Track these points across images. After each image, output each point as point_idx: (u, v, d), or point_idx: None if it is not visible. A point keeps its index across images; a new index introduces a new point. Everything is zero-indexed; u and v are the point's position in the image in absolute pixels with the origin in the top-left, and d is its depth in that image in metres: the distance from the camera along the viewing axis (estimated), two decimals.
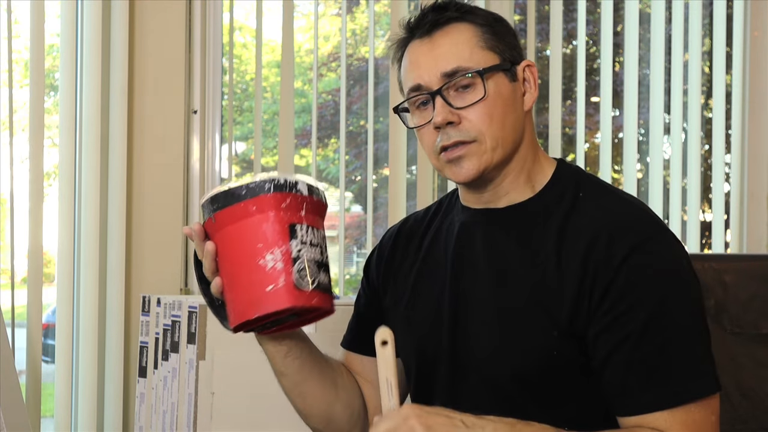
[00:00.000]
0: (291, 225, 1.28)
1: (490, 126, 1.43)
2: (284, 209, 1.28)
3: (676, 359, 1.34)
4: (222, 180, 2.79)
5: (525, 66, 1.49)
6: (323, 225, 1.34)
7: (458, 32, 1.46)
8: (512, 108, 1.46)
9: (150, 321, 2.33)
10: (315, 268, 1.29)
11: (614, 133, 3.37)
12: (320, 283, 1.29)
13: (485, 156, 1.44)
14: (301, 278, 1.27)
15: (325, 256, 1.32)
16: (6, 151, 2.49)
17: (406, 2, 2.97)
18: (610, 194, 1.48)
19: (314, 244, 1.30)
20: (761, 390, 2.35)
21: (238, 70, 3.73)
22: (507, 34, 1.50)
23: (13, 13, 2.56)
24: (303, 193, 1.29)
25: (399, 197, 2.95)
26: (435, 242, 1.57)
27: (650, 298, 1.34)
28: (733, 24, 3.38)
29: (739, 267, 2.40)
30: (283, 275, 1.27)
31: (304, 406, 1.60)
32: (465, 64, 1.43)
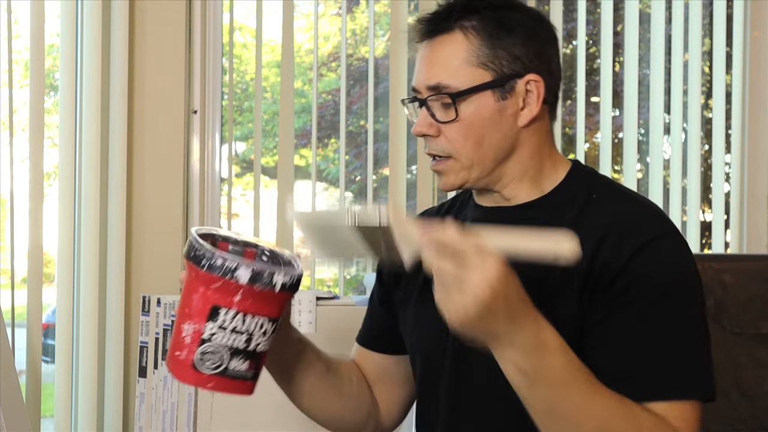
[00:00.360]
0: (214, 307, 1.25)
1: (464, 146, 1.42)
2: (213, 290, 1.24)
3: (679, 355, 1.33)
4: (222, 180, 2.79)
5: (529, 80, 1.43)
6: (273, 311, 1.28)
7: (453, 44, 1.43)
8: (496, 126, 1.43)
9: (150, 321, 2.33)
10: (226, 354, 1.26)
11: (614, 133, 3.37)
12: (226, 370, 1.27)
13: (461, 173, 1.44)
14: (201, 361, 1.26)
15: (252, 345, 1.27)
16: (6, 151, 2.49)
17: (406, 2, 2.97)
18: (624, 196, 1.46)
19: (238, 332, 1.25)
20: (761, 390, 2.35)
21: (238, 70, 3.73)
22: (515, 44, 1.42)
23: (13, 13, 2.56)
24: (240, 281, 1.23)
25: (399, 197, 2.95)
26: None
27: (655, 293, 1.33)
28: (733, 24, 3.38)
29: (739, 267, 2.40)
30: (186, 350, 1.26)
31: (310, 414, 1.60)
32: (446, 81, 1.41)
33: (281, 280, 1.25)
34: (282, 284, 1.25)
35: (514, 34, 1.43)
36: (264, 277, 1.24)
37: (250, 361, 1.28)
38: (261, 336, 1.28)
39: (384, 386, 1.64)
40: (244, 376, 1.29)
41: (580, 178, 1.49)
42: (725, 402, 2.34)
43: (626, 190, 1.49)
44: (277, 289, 1.25)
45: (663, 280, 1.34)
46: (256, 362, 1.30)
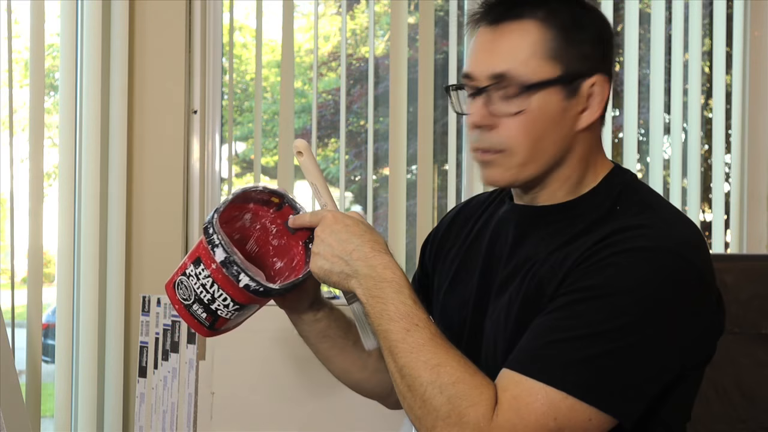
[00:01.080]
0: (198, 257, 1.40)
1: (523, 142, 1.35)
2: (203, 246, 1.39)
3: (567, 344, 1.24)
4: (222, 180, 2.79)
5: (594, 81, 1.36)
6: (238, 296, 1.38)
7: (523, 32, 1.36)
8: (557, 126, 1.36)
9: (150, 321, 2.34)
10: (192, 296, 1.40)
11: (614, 133, 3.37)
12: (189, 307, 1.41)
13: (512, 170, 1.37)
14: (177, 286, 1.43)
15: (213, 306, 1.39)
16: (6, 151, 2.49)
17: (406, 2, 2.97)
18: (647, 211, 1.36)
19: (205, 288, 1.39)
20: (761, 390, 2.35)
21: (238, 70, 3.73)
22: (585, 42, 1.36)
23: (13, 13, 2.56)
24: (214, 257, 1.36)
25: (399, 197, 2.95)
26: (482, 231, 1.52)
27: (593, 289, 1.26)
28: (733, 24, 3.38)
29: (739, 267, 2.40)
30: (176, 270, 1.45)
31: (335, 376, 1.63)
32: (517, 71, 1.34)
33: (246, 282, 1.35)
34: (245, 285, 1.35)
35: (585, 32, 1.37)
36: (233, 268, 1.35)
37: (208, 315, 1.40)
38: (223, 306, 1.39)
39: None
40: (202, 322, 1.41)
41: (612, 187, 1.41)
42: (725, 402, 2.34)
43: (653, 204, 1.39)
44: (240, 285, 1.35)
45: (608, 285, 1.26)
46: (214, 318, 1.41)
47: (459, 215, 1.61)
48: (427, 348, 1.28)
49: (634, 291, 1.25)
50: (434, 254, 1.61)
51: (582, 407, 1.23)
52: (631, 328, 1.24)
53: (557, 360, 1.24)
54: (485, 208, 1.56)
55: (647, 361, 1.26)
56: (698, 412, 2.41)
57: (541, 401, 1.22)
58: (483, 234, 1.52)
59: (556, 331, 1.26)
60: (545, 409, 1.22)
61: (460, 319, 1.49)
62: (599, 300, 1.26)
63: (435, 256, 1.60)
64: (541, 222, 1.42)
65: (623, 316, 1.24)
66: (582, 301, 1.27)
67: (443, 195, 3.11)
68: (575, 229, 1.37)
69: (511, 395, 1.24)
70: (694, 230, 1.35)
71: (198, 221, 2.69)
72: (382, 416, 1.68)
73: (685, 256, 1.29)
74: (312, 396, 2.29)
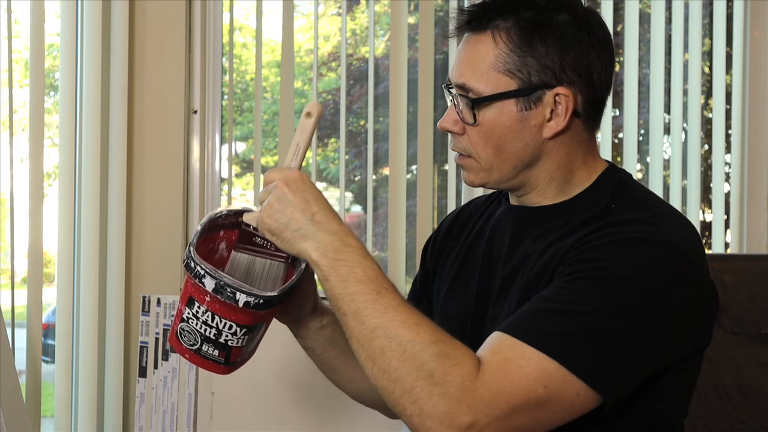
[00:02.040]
0: (191, 297, 1.34)
1: (483, 150, 1.40)
2: (191, 283, 1.34)
3: (565, 315, 1.25)
4: (222, 180, 2.79)
5: (557, 93, 1.37)
6: (242, 319, 1.33)
7: (482, 46, 1.38)
8: (516, 136, 1.38)
9: (150, 321, 2.34)
10: (198, 338, 1.35)
11: (614, 133, 3.37)
12: (200, 350, 1.36)
13: (481, 174, 1.42)
14: (180, 335, 1.37)
15: (222, 339, 1.35)
16: (6, 151, 2.49)
17: (406, 2, 2.97)
18: (642, 210, 1.37)
19: (209, 325, 1.34)
20: (761, 390, 2.35)
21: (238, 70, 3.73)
22: (549, 53, 1.36)
23: (13, 13, 2.56)
24: (206, 288, 1.31)
25: (399, 197, 2.95)
26: (480, 233, 1.53)
27: (586, 268, 1.28)
28: (733, 24, 3.39)
29: (739, 267, 2.40)
30: (174, 320, 1.38)
31: (340, 387, 1.62)
32: (470, 83, 1.38)
33: (244, 299, 1.31)
34: (245, 302, 1.31)
35: (549, 42, 1.37)
36: (227, 292, 1.30)
37: (220, 350, 1.36)
38: (231, 335, 1.35)
39: None
40: (217, 360, 1.37)
41: (607, 185, 1.42)
42: (725, 402, 2.34)
43: (648, 202, 1.40)
44: (240, 305, 1.31)
45: (609, 265, 1.27)
46: (227, 352, 1.37)
47: (459, 217, 1.62)
48: (403, 309, 1.26)
49: (632, 277, 1.27)
50: (435, 256, 1.61)
51: (573, 380, 1.23)
52: (628, 311, 1.26)
53: (554, 330, 1.24)
54: (484, 209, 1.58)
55: (639, 346, 1.27)
56: (698, 412, 2.41)
57: (533, 366, 1.22)
58: (481, 235, 1.53)
59: (555, 303, 1.26)
60: (537, 375, 1.21)
61: (460, 319, 1.50)
62: (599, 279, 1.27)
63: (436, 258, 1.61)
64: (536, 222, 1.44)
65: (622, 298, 1.26)
66: (582, 278, 1.27)
67: (443, 195, 3.11)
68: (570, 225, 1.38)
69: (502, 357, 1.23)
70: (689, 226, 1.37)
71: (198, 221, 2.69)
72: (382, 416, 1.67)
73: (680, 248, 1.31)
74: (312, 396, 2.29)
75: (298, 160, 1.38)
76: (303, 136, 1.39)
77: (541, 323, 1.25)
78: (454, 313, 1.52)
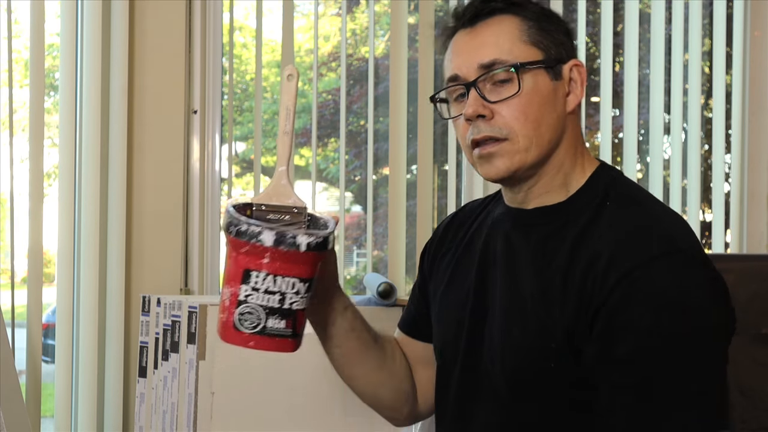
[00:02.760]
0: (246, 270, 1.32)
1: (524, 124, 1.39)
2: (243, 253, 1.32)
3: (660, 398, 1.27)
4: (222, 180, 2.79)
5: (572, 66, 1.43)
6: (303, 270, 1.33)
7: (501, 24, 1.42)
8: (551, 107, 1.40)
9: (150, 321, 2.34)
10: (262, 314, 1.33)
11: (614, 133, 3.37)
12: (265, 329, 1.34)
13: (518, 156, 1.40)
14: (240, 321, 1.34)
15: (287, 304, 1.34)
16: (6, 151, 2.49)
17: (406, 2, 2.97)
18: (636, 206, 1.40)
19: (271, 292, 1.32)
20: (761, 390, 2.35)
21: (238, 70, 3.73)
22: (556, 30, 1.44)
23: (13, 13, 2.56)
24: (265, 244, 1.30)
25: (399, 197, 2.95)
26: (476, 236, 1.54)
27: (639, 326, 1.28)
28: (733, 24, 3.39)
29: (739, 267, 2.40)
30: (227, 312, 1.35)
31: (350, 384, 1.61)
32: (503, 57, 1.39)
33: (305, 241, 1.31)
34: (307, 244, 1.31)
35: (554, 23, 1.44)
36: (287, 238, 1.30)
37: (287, 320, 1.34)
38: (294, 295, 1.34)
39: (425, 371, 1.63)
40: (283, 333, 1.35)
41: (601, 182, 1.44)
42: None
43: (642, 199, 1.43)
44: (302, 249, 1.31)
45: (648, 310, 1.28)
46: (293, 320, 1.35)
47: (454, 220, 1.63)
48: None
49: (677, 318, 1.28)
50: (431, 260, 1.62)
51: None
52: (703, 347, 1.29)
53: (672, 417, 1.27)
54: (479, 213, 1.59)
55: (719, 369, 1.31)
56: None
57: None
58: (477, 237, 1.54)
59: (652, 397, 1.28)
60: None
61: (458, 319, 1.50)
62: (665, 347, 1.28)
63: (432, 262, 1.62)
64: (535, 223, 1.44)
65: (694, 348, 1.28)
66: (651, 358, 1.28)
67: (443, 195, 3.11)
68: (574, 229, 1.39)
69: None
70: (681, 221, 1.41)
71: (198, 221, 2.69)
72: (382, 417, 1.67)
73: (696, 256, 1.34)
74: (313, 396, 2.29)
75: (291, 122, 1.41)
76: (290, 98, 1.41)
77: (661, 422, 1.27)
78: (450, 313, 1.53)
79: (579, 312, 1.33)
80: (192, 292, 2.67)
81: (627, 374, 1.29)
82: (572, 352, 1.34)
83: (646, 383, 1.27)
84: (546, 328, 1.36)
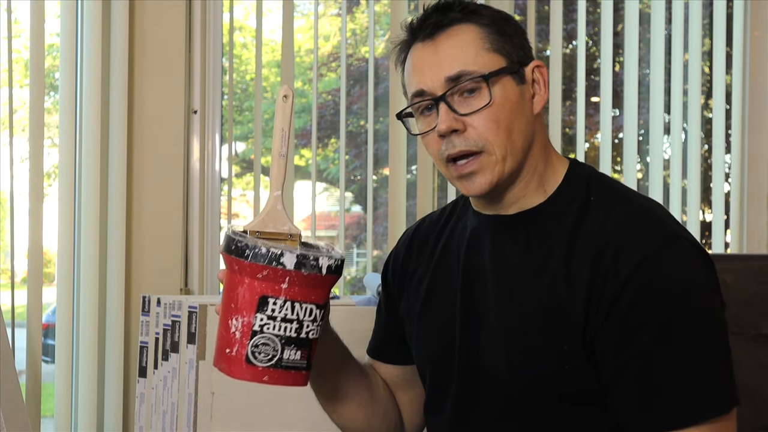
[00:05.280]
0: (262, 297, 1.25)
1: (497, 134, 1.37)
2: (260, 279, 1.25)
3: (685, 378, 1.29)
4: (222, 180, 2.79)
5: (534, 67, 1.43)
6: (320, 296, 1.28)
7: (462, 34, 1.40)
8: (520, 113, 1.40)
9: (150, 321, 2.33)
10: (278, 344, 1.26)
11: (614, 133, 3.37)
12: (280, 361, 1.27)
13: (497, 168, 1.39)
14: (254, 354, 1.26)
15: (303, 333, 1.27)
16: (6, 151, 2.49)
17: (406, 2, 2.97)
18: (622, 198, 1.41)
19: (288, 320, 1.26)
20: (761, 390, 2.35)
21: (238, 70, 3.73)
22: (515, 34, 1.43)
23: (13, 13, 2.56)
24: (286, 267, 1.24)
25: (399, 197, 2.95)
26: (448, 248, 1.52)
27: (658, 314, 1.29)
28: (733, 24, 3.39)
29: (739, 267, 2.40)
30: (238, 345, 1.27)
31: (340, 422, 1.59)
32: (469, 68, 1.37)
33: (327, 263, 1.26)
34: (328, 267, 1.26)
35: (511, 29, 1.44)
36: (310, 260, 1.25)
37: (302, 350, 1.28)
38: (311, 323, 1.28)
39: (405, 394, 1.62)
40: (299, 365, 1.29)
41: (578, 178, 1.45)
42: None
43: (625, 191, 1.45)
44: (323, 271, 1.26)
45: (664, 298, 1.30)
46: (309, 350, 1.29)
47: (414, 237, 1.60)
48: None
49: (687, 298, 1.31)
50: (399, 279, 1.59)
51: (729, 417, 1.31)
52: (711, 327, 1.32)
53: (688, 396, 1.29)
54: (442, 225, 1.56)
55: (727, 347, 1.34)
56: None
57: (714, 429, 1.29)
58: (450, 251, 1.52)
59: (669, 374, 1.30)
60: None
61: (446, 337, 1.48)
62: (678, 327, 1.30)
63: (400, 281, 1.59)
64: (520, 227, 1.43)
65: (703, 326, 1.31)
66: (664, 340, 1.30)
67: (443, 195, 3.11)
68: (564, 228, 1.39)
69: None
70: (660, 206, 1.43)
71: (198, 221, 2.69)
72: None
73: (690, 239, 1.37)
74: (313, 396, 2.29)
75: (286, 144, 1.39)
76: (285, 120, 1.39)
77: (675, 400, 1.29)
78: (436, 333, 1.50)
79: (589, 308, 1.33)
80: (192, 292, 2.67)
81: (648, 362, 1.30)
82: (586, 351, 1.34)
83: (667, 368, 1.30)
84: (556, 331, 1.35)
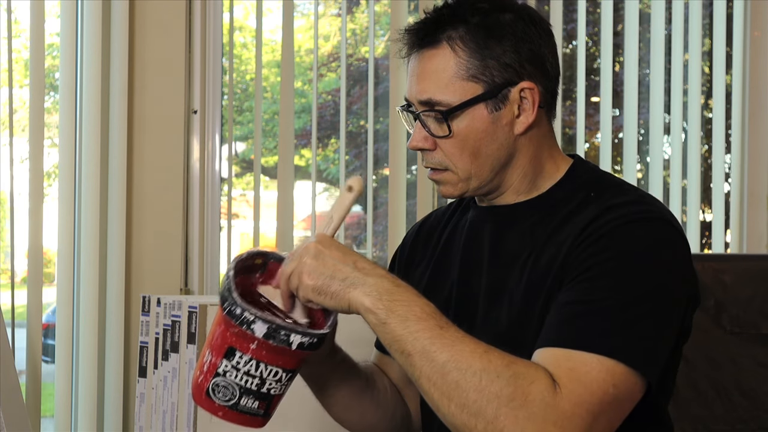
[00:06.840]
0: (230, 347, 1.26)
1: (460, 159, 1.41)
2: (231, 332, 1.26)
3: (604, 319, 1.26)
4: (222, 180, 2.79)
5: (522, 88, 1.40)
6: (289, 363, 1.27)
7: (440, 58, 1.40)
8: (490, 138, 1.41)
9: (150, 321, 2.33)
10: (237, 391, 1.28)
11: (614, 133, 3.37)
12: (237, 405, 1.28)
13: (460, 185, 1.44)
14: (213, 391, 1.28)
15: (265, 389, 1.27)
16: (6, 151, 2.49)
17: (406, 2, 2.97)
18: (622, 194, 1.41)
19: (251, 375, 1.26)
20: (761, 390, 2.35)
21: (238, 70, 3.74)
22: (506, 52, 1.39)
23: (13, 13, 2.56)
24: (255, 334, 1.23)
25: (399, 197, 2.95)
26: (450, 241, 1.55)
27: (605, 261, 1.30)
28: (733, 24, 3.39)
29: (739, 267, 2.40)
30: (203, 377, 1.29)
31: (345, 425, 1.60)
32: (437, 97, 1.39)
33: (298, 340, 1.25)
34: (299, 344, 1.25)
35: (504, 42, 1.40)
36: (280, 335, 1.24)
37: (260, 402, 1.29)
38: (275, 382, 1.28)
39: (411, 389, 1.61)
40: (255, 413, 1.30)
41: (579, 176, 1.46)
42: (725, 402, 2.34)
43: (627, 188, 1.45)
44: (293, 347, 1.25)
45: (617, 253, 1.30)
46: (268, 402, 1.30)
47: (422, 229, 1.63)
48: (468, 339, 1.25)
49: (647, 258, 1.31)
50: (404, 271, 1.61)
51: (631, 373, 1.25)
52: (653, 293, 1.29)
53: (599, 330, 1.26)
54: (448, 219, 1.59)
55: (666, 324, 1.31)
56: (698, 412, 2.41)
57: (598, 369, 1.23)
58: (452, 243, 1.54)
59: (589, 305, 1.28)
60: (603, 375, 1.23)
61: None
62: (619, 270, 1.30)
63: (404, 273, 1.60)
64: (518, 217, 1.45)
65: (646, 282, 1.29)
66: (603, 275, 1.29)
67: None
68: (558, 216, 1.41)
69: (566, 368, 1.23)
70: (666, 208, 1.42)
71: (198, 221, 2.69)
72: None
73: (675, 226, 1.37)
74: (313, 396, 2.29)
75: (330, 232, 1.32)
76: (339, 210, 1.33)
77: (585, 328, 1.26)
78: None
79: (563, 277, 1.34)
80: (192, 292, 2.66)
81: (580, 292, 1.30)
82: None
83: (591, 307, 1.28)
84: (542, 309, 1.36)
